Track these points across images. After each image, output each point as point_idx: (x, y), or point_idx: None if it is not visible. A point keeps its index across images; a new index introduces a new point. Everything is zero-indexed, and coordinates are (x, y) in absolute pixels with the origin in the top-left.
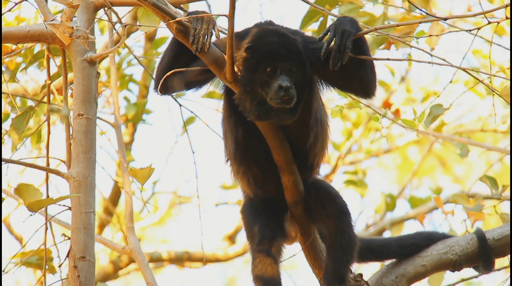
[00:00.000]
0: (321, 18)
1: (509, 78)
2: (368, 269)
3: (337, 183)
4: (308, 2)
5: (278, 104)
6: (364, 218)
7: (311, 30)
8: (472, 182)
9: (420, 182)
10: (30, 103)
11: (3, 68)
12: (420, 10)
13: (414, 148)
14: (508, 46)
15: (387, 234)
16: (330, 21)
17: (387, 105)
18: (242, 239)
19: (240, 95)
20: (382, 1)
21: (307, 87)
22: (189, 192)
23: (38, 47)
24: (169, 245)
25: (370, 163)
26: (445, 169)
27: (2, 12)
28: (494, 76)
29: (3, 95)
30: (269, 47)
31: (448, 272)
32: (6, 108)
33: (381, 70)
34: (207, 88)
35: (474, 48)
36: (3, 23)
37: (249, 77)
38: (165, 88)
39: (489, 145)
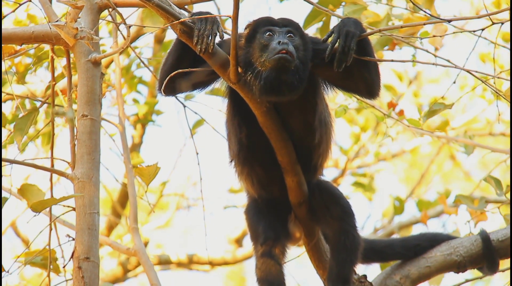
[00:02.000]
0: (324, 18)
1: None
2: (372, 270)
3: (346, 186)
4: (311, 3)
5: (277, 60)
6: (372, 221)
7: (314, 29)
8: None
9: (431, 179)
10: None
11: (11, 70)
12: (424, 11)
13: (427, 146)
14: None
15: None
16: (333, 20)
17: (391, 105)
18: (249, 242)
19: (242, 76)
20: (386, 1)
21: (308, 57)
22: (197, 194)
23: (47, 48)
24: (177, 247)
25: (379, 166)
26: (455, 163)
27: (7, 13)
28: (498, 77)
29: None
30: (266, 17)
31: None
32: (14, 109)
33: (387, 75)
34: (212, 88)
35: (481, 52)
36: (13, 21)
37: (248, 49)
38: (170, 89)
39: (493, 147)
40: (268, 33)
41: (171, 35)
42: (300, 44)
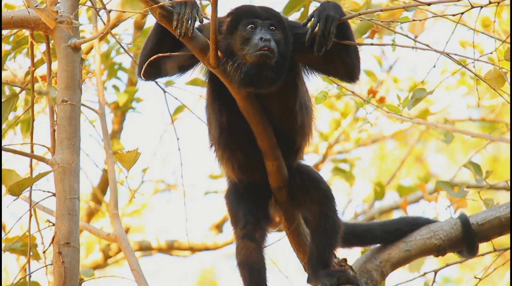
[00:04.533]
0: (302, 9)
1: (492, 63)
2: (352, 254)
3: (326, 172)
4: None
5: (258, 57)
6: (352, 207)
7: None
8: (453, 173)
9: (400, 176)
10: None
11: None
12: None
13: (394, 142)
14: (495, 34)
15: None
16: (312, 7)
17: (371, 92)
18: (229, 228)
19: (222, 63)
20: None
21: (289, 51)
22: (177, 180)
23: (27, 33)
24: (158, 233)
25: (358, 153)
26: (422, 166)
27: None
28: (477, 60)
29: None
30: (249, 7)
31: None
32: None
33: (367, 60)
34: (191, 73)
35: (461, 39)
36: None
37: (230, 40)
38: (149, 74)
39: (473, 132)
40: (250, 25)
41: (151, 21)
42: (281, 38)
